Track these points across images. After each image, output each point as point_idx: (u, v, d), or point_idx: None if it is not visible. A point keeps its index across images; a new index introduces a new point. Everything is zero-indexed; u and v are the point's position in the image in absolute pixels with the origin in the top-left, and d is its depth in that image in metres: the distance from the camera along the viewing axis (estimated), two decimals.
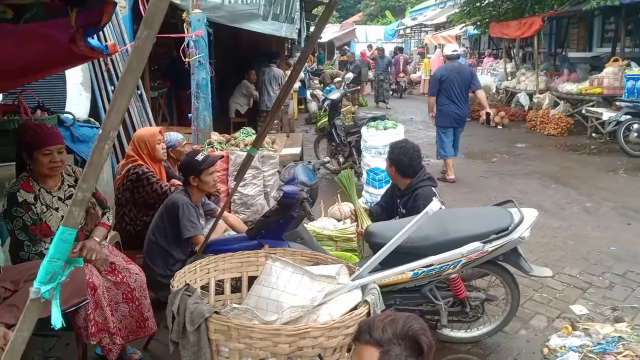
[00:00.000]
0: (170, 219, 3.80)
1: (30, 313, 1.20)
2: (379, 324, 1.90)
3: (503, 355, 3.84)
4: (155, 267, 3.81)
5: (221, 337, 2.64)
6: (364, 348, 1.91)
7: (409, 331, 1.87)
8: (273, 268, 3.13)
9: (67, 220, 1.42)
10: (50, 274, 1.43)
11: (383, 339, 1.87)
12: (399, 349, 1.86)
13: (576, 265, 5.21)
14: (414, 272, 3.50)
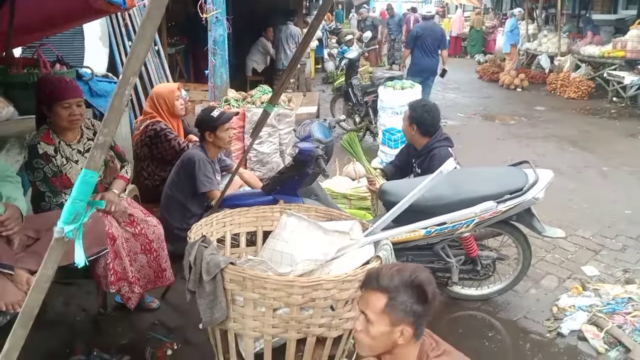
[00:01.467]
0: (186, 174, 3.86)
1: (54, 252, 1.25)
2: (386, 272, 1.97)
3: (512, 312, 3.90)
4: (172, 220, 3.89)
5: (236, 287, 2.72)
6: (372, 294, 1.98)
7: (415, 280, 1.94)
8: (288, 223, 3.18)
9: (89, 163, 1.47)
10: (74, 214, 1.48)
11: (390, 286, 1.94)
12: (406, 296, 1.93)
13: (590, 227, 5.22)
14: (426, 230, 3.55)
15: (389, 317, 1.95)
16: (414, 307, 1.93)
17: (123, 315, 3.60)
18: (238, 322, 2.80)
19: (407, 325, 1.95)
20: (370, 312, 1.97)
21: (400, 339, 1.97)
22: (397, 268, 1.99)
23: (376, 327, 1.96)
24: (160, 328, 3.54)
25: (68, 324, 3.54)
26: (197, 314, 3.54)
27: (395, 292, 1.94)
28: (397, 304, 1.94)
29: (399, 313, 1.93)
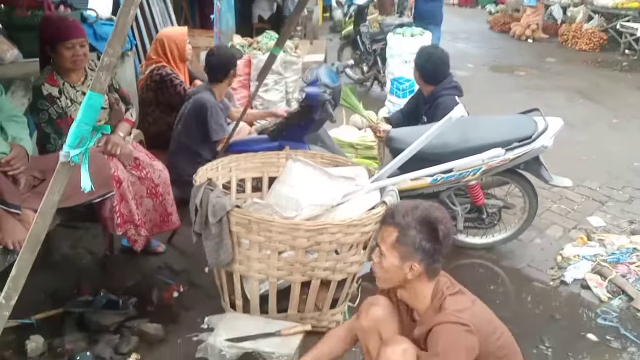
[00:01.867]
0: (198, 120, 3.82)
1: (60, 176, 1.24)
2: (402, 209, 2.05)
3: (516, 261, 3.92)
4: (182, 166, 3.86)
5: (242, 230, 2.73)
6: (387, 229, 2.07)
7: (427, 217, 2.00)
8: (294, 168, 3.17)
9: (94, 85, 1.44)
10: (79, 138, 1.47)
11: (402, 222, 2.01)
12: (415, 232, 1.99)
13: (597, 179, 5.19)
14: (433, 178, 3.53)
15: (398, 251, 2.02)
16: (422, 243, 1.99)
17: (130, 259, 3.64)
18: (244, 265, 2.83)
19: (416, 262, 2.01)
20: (383, 246, 2.05)
21: (410, 275, 2.02)
22: (413, 205, 2.05)
23: (388, 260, 2.04)
24: (166, 271, 3.58)
25: (75, 267, 3.58)
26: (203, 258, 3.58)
27: (406, 228, 2.00)
28: (406, 239, 2.00)
29: (408, 248, 2.00)
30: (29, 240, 1.27)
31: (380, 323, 2.23)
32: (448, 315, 1.96)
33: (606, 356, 3.04)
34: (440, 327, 1.95)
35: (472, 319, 1.96)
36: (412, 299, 2.11)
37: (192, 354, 2.83)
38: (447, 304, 2.00)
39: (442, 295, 2.04)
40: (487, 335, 1.99)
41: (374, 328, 2.24)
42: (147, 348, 2.90)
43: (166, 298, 3.27)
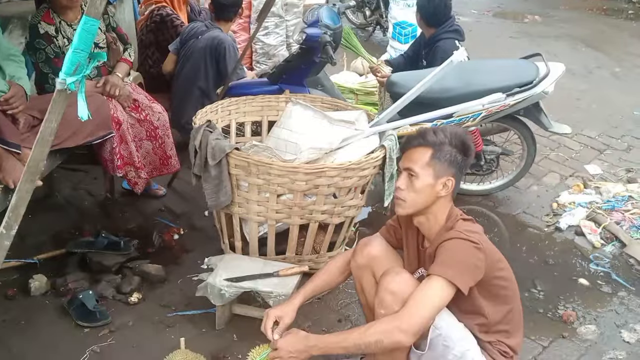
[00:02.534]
0: (212, 59, 3.78)
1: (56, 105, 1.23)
2: (429, 130, 2.11)
3: (512, 207, 3.96)
4: (186, 109, 3.83)
5: (241, 172, 2.75)
6: (416, 150, 2.08)
7: (458, 133, 2.08)
8: (293, 111, 3.16)
9: (89, 10, 1.41)
10: (75, 64, 1.45)
11: (436, 141, 2.06)
12: (450, 147, 2.05)
13: (596, 127, 5.18)
14: (432, 123, 3.51)
15: (433, 168, 2.04)
16: (457, 157, 2.05)
17: (130, 201, 3.67)
18: (243, 207, 2.86)
19: (450, 176, 2.04)
20: (415, 166, 2.05)
21: (443, 191, 2.05)
22: (438, 127, 2.13)
23: (421, 179, 2.04)
24: (166, 214, 3.61)
25: (76, 208, 3.62)
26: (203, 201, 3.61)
27: (440, 144, 2.05)
28: (442, 155, 2.04)
29: (444, 163, 2.04)
30: (27, 169, 1.27)
31: (374, 261, 2.25)
32: (459, 233, 1.98)
33: (596, 300, 3.11)
34: (450, 241, 1.97)
35: (482, 241, 1.98)
36: (429, 221, 2.11)
37: (192, 294, 2.89)
38: (459, 225, 2.03)
39: (456, 218, 2.07)
40: (493, 262, 2.01)
41: (367, 266, 2.27)
42: (149, 288, 2.96)
43: (167, 240, 3.32)
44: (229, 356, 2.56)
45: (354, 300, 2.97)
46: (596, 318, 2.96)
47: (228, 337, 2.68)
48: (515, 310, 2.16)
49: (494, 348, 2.09)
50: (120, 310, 2.78)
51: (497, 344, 2.09)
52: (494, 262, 2.03)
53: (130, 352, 2.55)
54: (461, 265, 1.94)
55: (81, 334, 2.62)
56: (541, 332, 2.83)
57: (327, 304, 2.96)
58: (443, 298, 1.92)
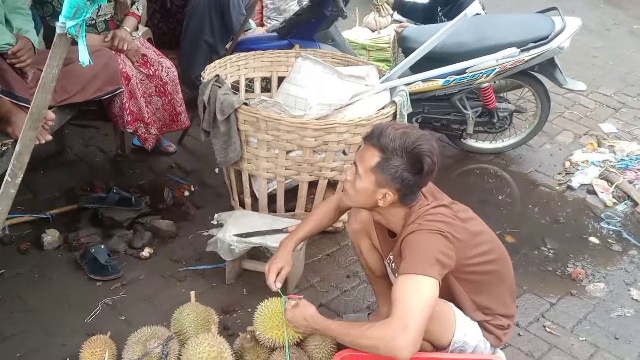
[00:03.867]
0: (218, 11, 3.72)
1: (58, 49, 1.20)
2: (390, 132, 1.87)
3: (524, 166, 3.93)
4: (194, 64, 3.78)
5: (250, 128, 2.73)
6: (369, 149, 1.91)
7: (416, 149, 1.84)
8: (303, 67, 3.11)
9: None
10: (75, 8, 1.41)
11: (388, 147, 1.85)
12: (400, 161, 1.84)
13: (612, 85, 5.08)
14: (445, 80, 3.46)
15: (376, 177, 1.88)
16: (404, 174, 1.84)
17: (141, 158, 3.67)
18: (252, 164, 2.86)
19: (392, 190, 1.88)
20: (361, 167, 1.91)
21: (381, 202, 1.91)
22: (403, 131, 1.88)
23: (362, 182, 1.91)
24: (177, 171, 3.61)
25: (87, 165, 3.63)
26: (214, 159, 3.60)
27: (391, 154, 1.85)
28: (387, 167, 1.85)
29: (387, 176, 1.86)
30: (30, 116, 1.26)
31: (369, 225, 2.23)
32: (419, 225, 1.87)
33: (606, 258, 3.10)
34: (411, 235, 1.87)
35: (447, 227, 1.87)
36: (384, 220, 2.03)
37: (202, 249, 2.91)
38: (421, 218, 1.90)
39: (417, 215, 1.92)
40: (467, 247, 1.91)
41: (363, 230, 2.26)
42: (160, 243, 2.99)
43: (178, 197, 3.33)
44: (239, 310, 2.60)
45: None
46: (606, 276, 2.96)
47: (238, 291, 2.72)
48: (507, 287, 2.11)
49: (488, 324, 2.07)
50: (132, 264, 2.82)
51: (492, 320, 2.07)
52: (470, 245, 1.92)
53: (142, 305, 2.59)
54: (429, 257, 1.80)
55: (94, 287, 2.66)
56: (550, 290, 2.84)
57: (336, 260, 2.99)
58: (431, 294, 1.78)
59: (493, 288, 2.06)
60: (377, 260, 2.32)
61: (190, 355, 1.97)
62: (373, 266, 2.34)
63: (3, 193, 1.25)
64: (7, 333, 2.33)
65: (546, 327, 2.61)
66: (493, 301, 2.06)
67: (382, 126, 1.93)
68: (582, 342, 2.54)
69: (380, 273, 2.34)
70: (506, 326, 2.10)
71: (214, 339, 2.03)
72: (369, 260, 2.34)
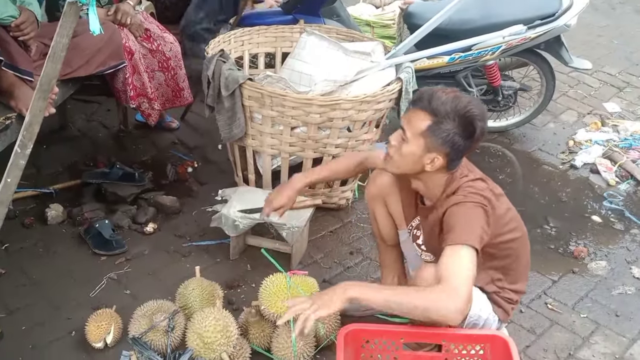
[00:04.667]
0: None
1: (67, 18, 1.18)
2: (441, 95, 1.85)
3: (528, 145, 3.92)
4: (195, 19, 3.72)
5: (255, 103, 2.72)
6: (418, 113, 1.88)
7: (468, 112, 1.82)
8: (307, 42, 3.09)
9: None
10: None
11: (440, 111, 1.82)
12: (452, 124, 1.81)
13: (617, 64, 5.05)
14: (450, 57, 3.45)
15: (425, 140, 1.85)
16: (455, 138, 1.82)
17: (143, 134, 3.66)
18: (256, 140, 2.85)
19: (441, 154, 1.86)
20: (409, 131, 1.89)
21: (429, 166, 1.89)
22: (454, 94, 1.86)
23: (410, 146, 1.89)
24: (180, 147, 3.61)
25: (90, 140, 3.62)
26: (217, 135, 3.58)
27: (442, 117, 1.82)
28: (438, 130, 1.82)
29: (437, 140, 1.83)
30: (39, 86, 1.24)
31: (386, 191, 2.24)
32: (462, 197, 1.87)
33: (608, 237, 3.11)
34: (455, 207, 1.86)
35: (487, 202, 1.88)
36: (426, 187, 2.01)
37: (206, 225, 2.92)
38: (462, 188, 1.90)
39: (458, 183, 1.93)
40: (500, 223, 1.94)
41: (379, 196, 2.27)
42: (163, 218, 2.99)
43: (181, 172, 3.32)
44: (243, 285, 2.61)
45: (366, 234, 3.00)
46: (607, 254, 2.97)
47: (242, 266, 2.73)
48: (522, 264, 2.13)
49: (498, 297, 2.08)
50: (136, 239, 2.82)
51: (502, 292, 2.08)
52: (500, 222, 1.95)
53: (146, 279, 2.60)
54: (474, 229, 1.82)
55: (98, 261, 2.67)
56: (551, 268, 2.85)
57: (339, 237, 2.99)
58: (475, 264, 1.79)
59: (511, 263, 2.07)
60: (390, 229, 2.33)
61: (196, 328, 1.99)
62: (385, 234, 2.35)
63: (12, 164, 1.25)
64: (12, 306, 2.34)
65: (547, 303, 2.62)
66: (508, 275, 2.08)
67: (431, 90, 1.90)
68: (583, 318, 2.56)
69: (392, 242, 2.35)
70: (515, 301, 2.12)
71: (219, 312, 2.05)
72: (381, 227, 2.34)
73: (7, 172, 1.27)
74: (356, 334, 1.88)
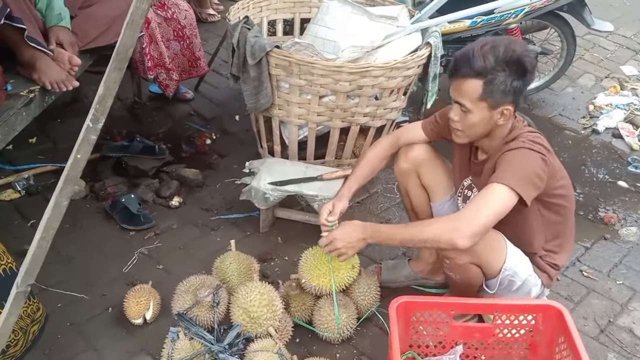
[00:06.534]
0: None
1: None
2: (478, 53, 1.79)
3: (547, 110, 3.87)
4: None
5: (282, 72, 2.63)
6: (465, 81, 1.82)
7: (512, 54, 1.78)
8: (330, 7, 2.98)
9: None
10: None
11: (486, 68, 1.77)
12: (504, 75, 1.78)
13: (632, 26, 4.98)
14: (472, 20, 3.35)
15: (487, 102, 1.81)
16: (513, 83, 1.79)
17: (159, 106, 3.57)
18: (283, 109, 2.78)
19: (508, 104, 1.83)
20: (466, 101, 1.84)
21: (501, 120, 1.86)
22: (489, 46, 1.80)
23: (475, 115, 1.85)
24: (196, 118, 3.52)
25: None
26: (232, 106, 3.52)
27: (492, 73, 1.77)
28: (495, 88, 1.79)
29: (498, 95, 1.80)
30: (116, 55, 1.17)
31: (419, 164, 2.21)
32: (523, 142, 1.84)
33: (636, 202, 3.09)
34: (513, 151, 1.83)
35: (547, 153, 1.86)
36: (488, 142, 1.96)
37: (231, 198, 2.88)
38: (523, 135, 1.88)
39: (519, 130, 1.91)
40: (555, 175, 1.92)
41: (412, 171, 2.23)
42: (188, 192, 2.93)
43: (200, 145, 3.25)
44: (276, 258, 2.58)
45: (393, 204, 2.96)
46: (637, 220, 2.96)
47: (273, 239, 2.68)
48: (569, 227, 2.10)
49: (543, 261, 2.06)
50: (162, 213, 2.77)
51: (546, 256, 2.07)
52: (556, 176, 1.93)
53: (178, 253, 2.56)
54: (524, 174, 1.79)
55: (127, 236, 2.62)
56: (583, 234, 2.82)
57: (367, 207, 2.95)
58: (504, 204, 1.77)
59: (559, 224, 2.04)
60: (423, 201, 2.30)
61: (242, 302, 1.95)
62: (418, 207, 2.32)
63: (83, 139, 1.19)
64: (45, 283, 2.29)
65: (582, 271, 2.61)
66: (556, 239, 2.06)
67: (465, 54, 1.83)
68: (619, 285, 2.55)
69: (425, 215, 2.31)
70: (559, 266, 2.09)
71: (263, 286, 2.01)
72: (414, 201, 2.31)
73: (77, 147, 1.21)
74: (407, 306, 1.86)
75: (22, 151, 3.04)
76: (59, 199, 1.31)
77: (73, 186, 1.29)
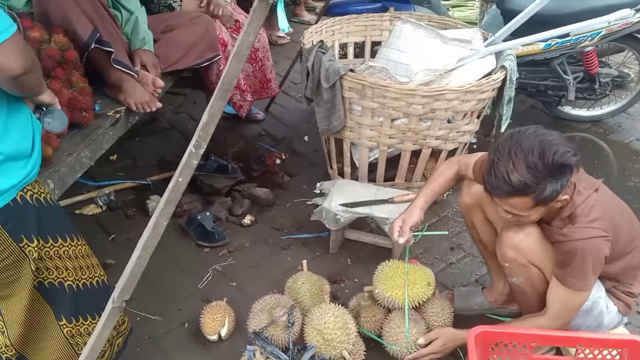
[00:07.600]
0: None
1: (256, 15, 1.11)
2: (511, 170, 1.66)
3: (624, 135, 3.75)
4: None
5: (355, 95, 2.66)
6: (512, 200, 1.73)
7: (552, 161, 1.65)
8: (403, 30, 3.01)
9: None
10: None
11: (528, 185, 1.66)
12: (551, 180, 1.66)
13: None
14: (546, 43, 3.30)
15: (544, 206, 1.75)
16: (563, 183, 1.68)
17: (231, 126, 3.66)
18: (354, 132, 2.80)
19: (563, 195, 1.75)
20: (519, 211, 1.77)
21: (559, 205, 1.80)
22: (520, 158, 1.66)
23: (532, 216, 1.80)
24: (267, 139, 3.60)
25: (179, 131, 3.65)
26: (302, 127, 3.57)
27: (538, 186, 1.66)
28: (545, 195, 1.68)
29: (550, 199, 1.70)
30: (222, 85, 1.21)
31: (482, 199, 2.11)
32: (582, 230, 1.78)
33: None
34: (575, 244, 1.77)
35: (605, 224, 1.79)
36: None
37: (301, 217, 2.91)
38: (577, 212, 1.80)
39: (573, 205, 1.81)
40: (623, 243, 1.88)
41: (476, 204, 2.17)
42: (259, 210, 2.99)
43: (270, 164, 3.31)
44: (346, 280, 2.58)
45: (464, 229, 2.90)
46: None
47: (342, 260, 2.70)
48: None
49: (617, 290, 2.00)
50: (235, 231, 2.83)
51: (619, 285, 2.00)
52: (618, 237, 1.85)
53: (250, 271, 2.60)
54: (588, 270, 1.79)
55: (202, 253, 2.69)
56: None
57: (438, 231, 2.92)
58: (582, 302, 1.87)
59: (627, 262, 1.96)
60: (491, 234, 2.23)
61: (316, 324, 1.96)
62: (486, 240, 2.26)
63: (186, 163, 1.23)
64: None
65: None
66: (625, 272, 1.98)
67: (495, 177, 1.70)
68: None
69: (493, 247, 2.26)
70: (636, 294, 2.01)
71: (337, 309, 2.02)
72: (482, 234, 2.26)
73: (179, 171, 1.26)
74: (485, 336, 1.82)
75: (104, 168, 3.17)
76: (159, 219, 1.36)
77: (173, 207, 1.34)
